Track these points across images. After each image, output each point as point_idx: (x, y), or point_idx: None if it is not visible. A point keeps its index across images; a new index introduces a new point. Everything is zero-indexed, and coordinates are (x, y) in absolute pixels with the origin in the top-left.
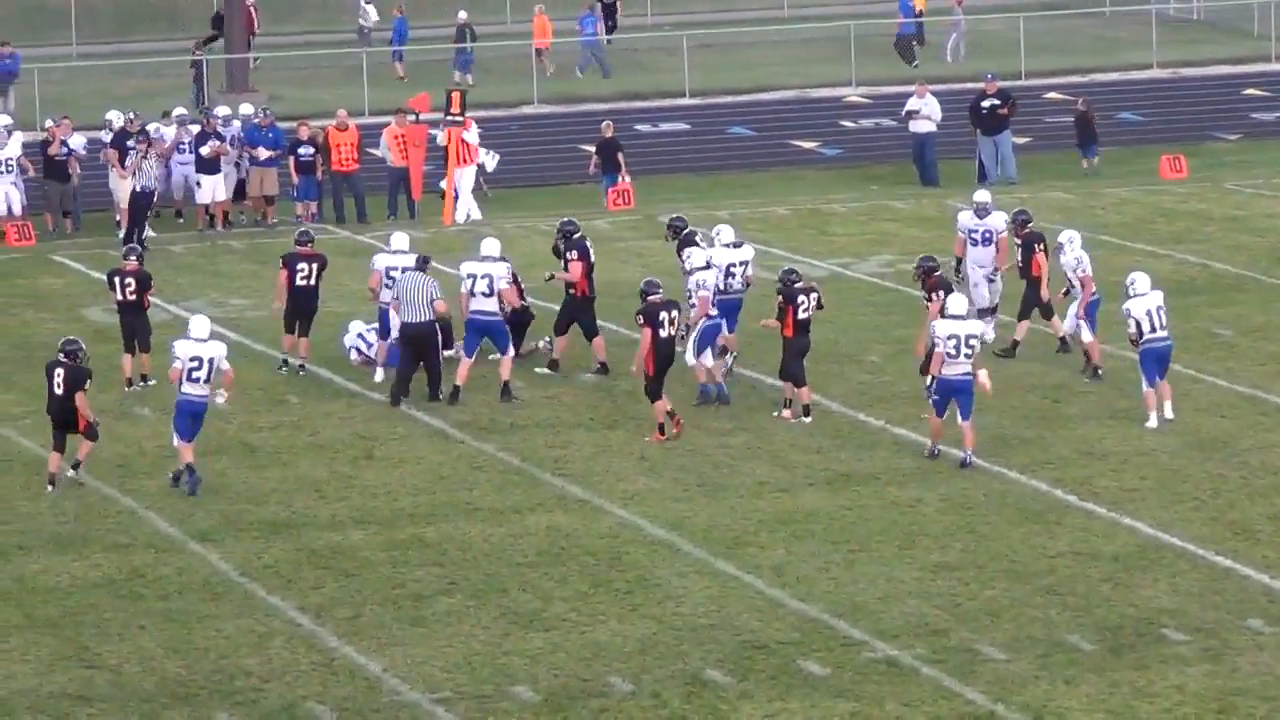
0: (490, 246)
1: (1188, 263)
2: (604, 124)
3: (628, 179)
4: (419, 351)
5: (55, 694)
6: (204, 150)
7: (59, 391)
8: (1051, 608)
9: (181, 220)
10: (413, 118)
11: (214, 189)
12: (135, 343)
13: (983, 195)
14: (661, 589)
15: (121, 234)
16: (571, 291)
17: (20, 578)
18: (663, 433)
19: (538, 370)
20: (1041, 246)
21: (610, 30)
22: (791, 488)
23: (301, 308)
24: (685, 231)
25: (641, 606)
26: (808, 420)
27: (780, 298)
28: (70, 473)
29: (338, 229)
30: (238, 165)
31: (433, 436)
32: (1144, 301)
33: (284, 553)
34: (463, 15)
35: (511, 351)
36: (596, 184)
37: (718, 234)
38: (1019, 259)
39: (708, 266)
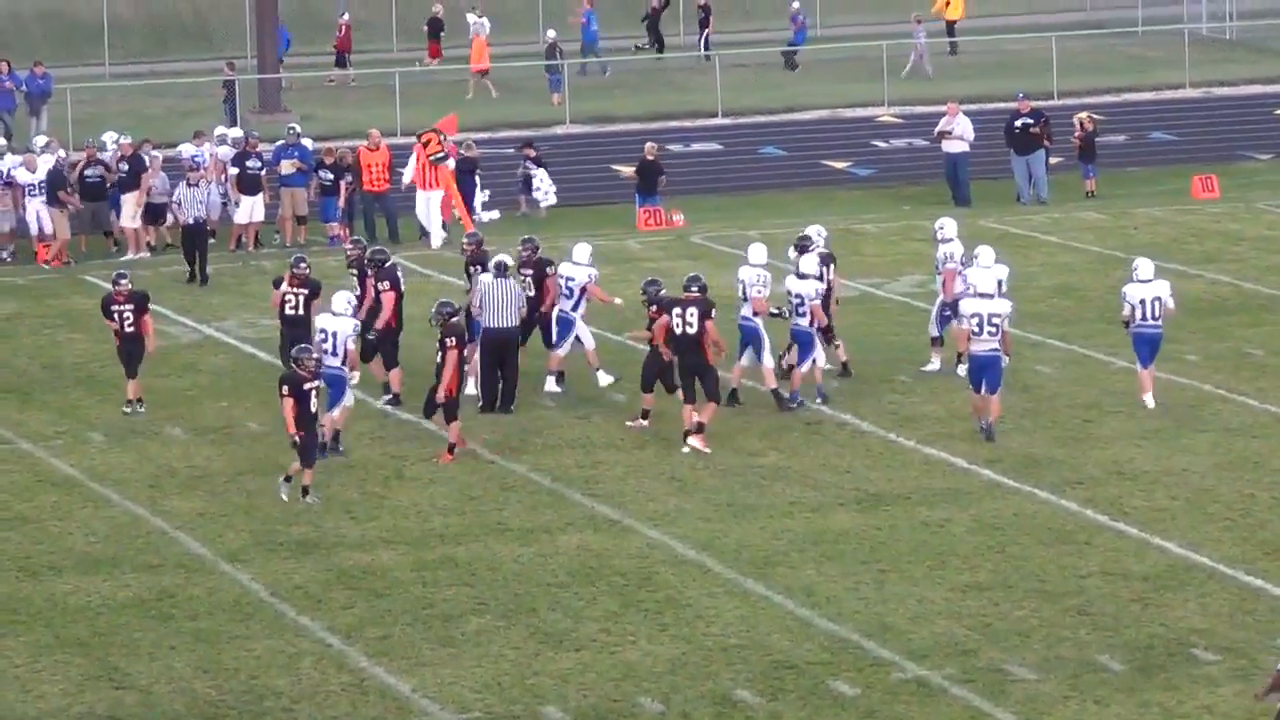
0: (758, 254)
1: (1219, 283)
2: (648, 145)
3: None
4: (500, 357)
5: (84, 714)
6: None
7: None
8: (1082, 628)
9: (214, 240)
10: (442, 139)
11: (252, 209)
12: (132, 368)
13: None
14: (692, 609)
15: (130, 255)
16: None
17: (51, 598)
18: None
19: (549, 390)
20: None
21: (659, 49)
22: (822, 508)
23: (294, 338)
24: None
25: (671, 626)
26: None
27: (653, 308)
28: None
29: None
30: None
31: (463, 456)
32: (1144, 289)
33: (314, 573)
34: (551, 34)
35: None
36: (630, 203)
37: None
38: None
39: (817, 278)
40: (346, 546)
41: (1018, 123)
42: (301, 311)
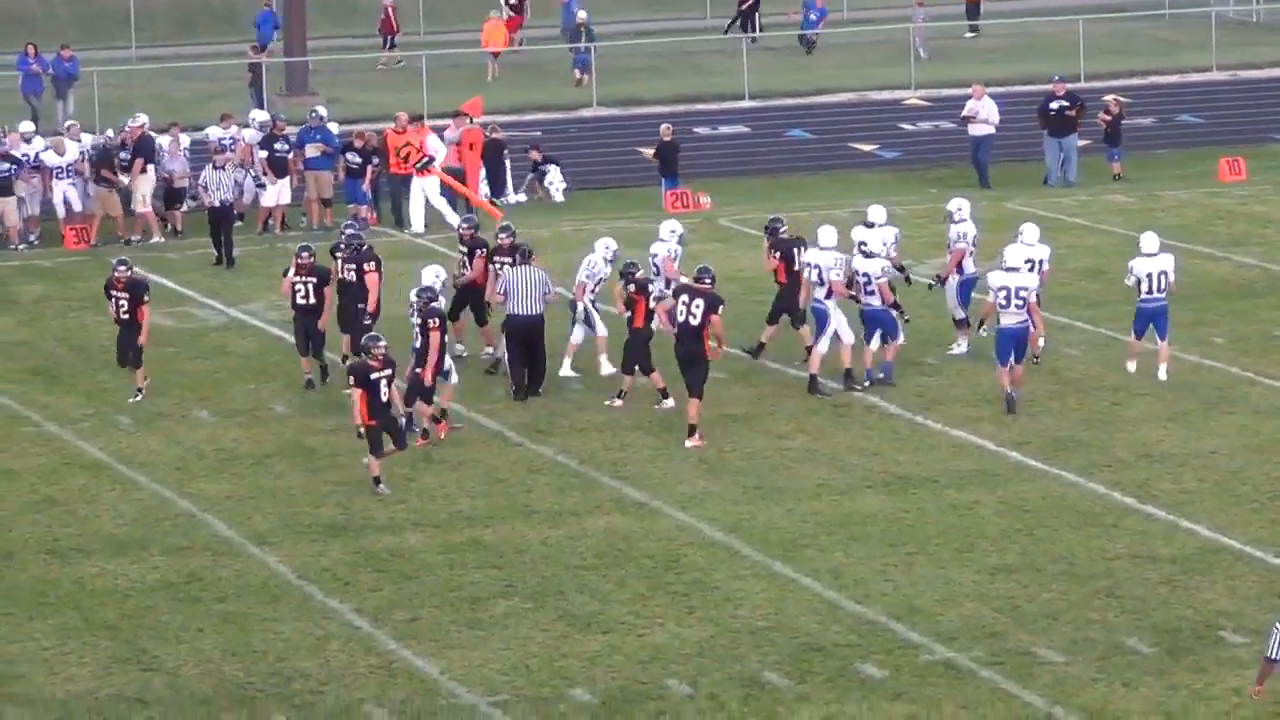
0: (828, 236)
1: (1246, 265)
2: (663, 127)
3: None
4: (527, 343)
5: (113, 696)
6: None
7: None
8: (1109, 610)
9: (240, 224)
10: (468, 121)
11: (279, 192)
12: (128, 356)
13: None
14: (720, 591)
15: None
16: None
17: (79, 580)
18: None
19: (562, 374)
20: (800, 251)
21: (750, 30)
22: (849, 490)
23: (305, 328)
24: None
25: (699, 609)
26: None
27: (632, 288)
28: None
29: (396, 231)
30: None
31: (490, 439)
32: (1150, 262)
33: (342, 555)
34: (582, 15)
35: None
36: (656, 186)
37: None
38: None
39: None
40: (375, 529)
41: (1053, 105)
42: (313, 300)
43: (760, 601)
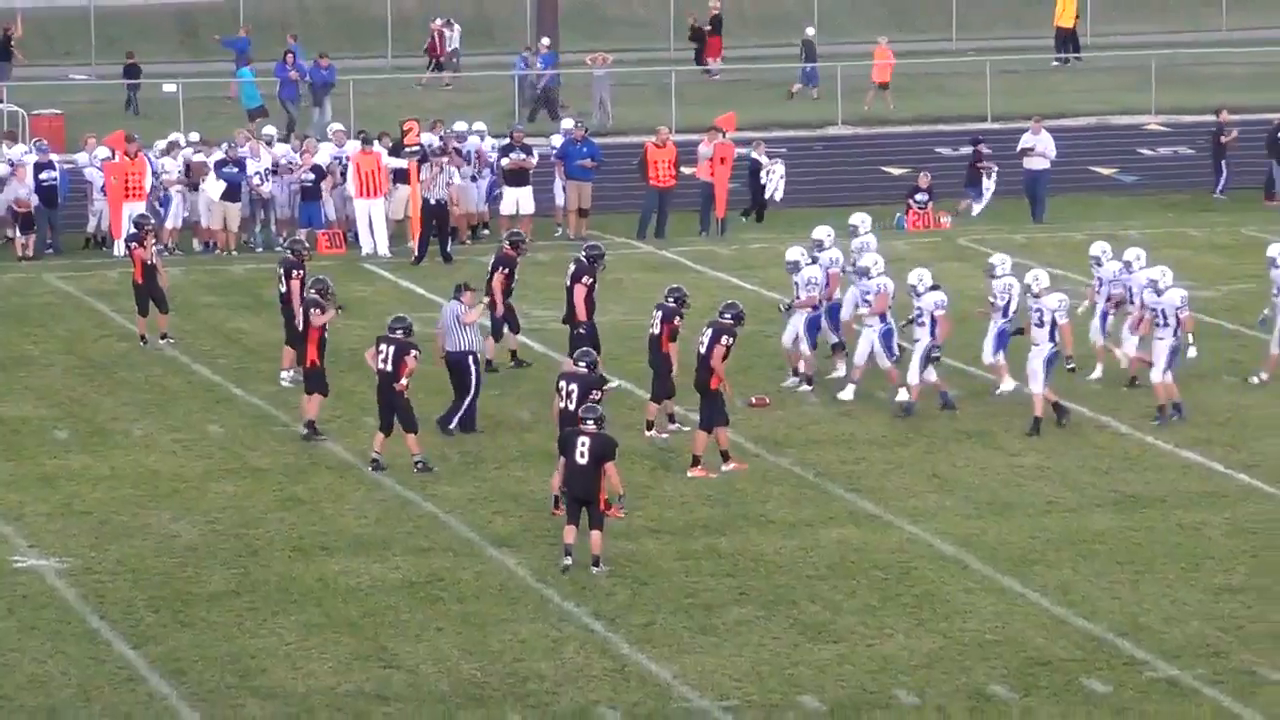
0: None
1: None
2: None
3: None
4: (454, 379)
5: (353, 693)
6: (504, 161)
7: (581, 461)
8: None
9: (487, 232)
10: (721, 135)
11: (516, 202)
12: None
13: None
14: (949, 604)
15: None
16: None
17: (322, 578)
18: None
19: (794, 389)
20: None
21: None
22: (1079, 508)
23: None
24: None
25: (929, 621)
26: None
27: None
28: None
29: (640, 243)
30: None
31: (728, 450)
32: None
33: (579, 560)
34: (810, 31)
35: None
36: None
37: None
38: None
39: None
40: (612, 535)
41: None
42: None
43: (988, 615)
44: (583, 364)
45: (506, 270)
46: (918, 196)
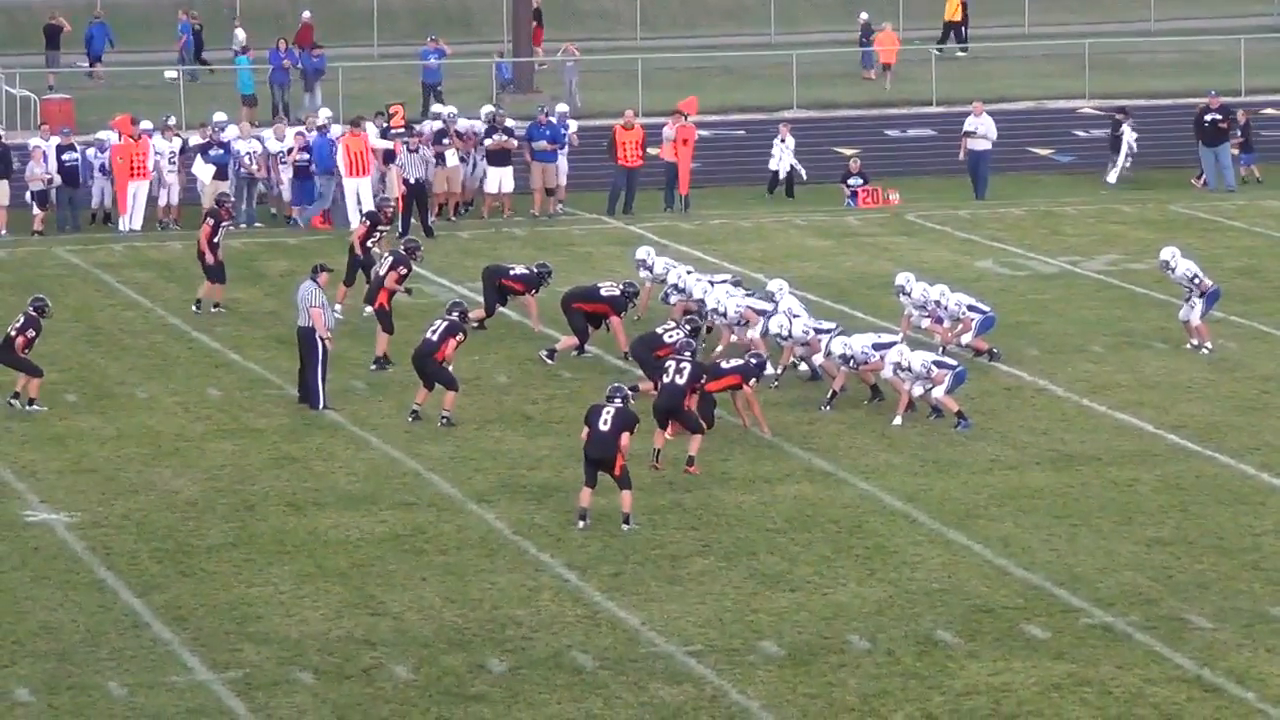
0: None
1: None
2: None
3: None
4: (301, 352)
5: (342, 638)
6: (488, 143)
7: (604, 428)
8: (1256, 582)
9: (469, 210)
10: (683, 119)
11: (500, 180)
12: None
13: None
14: (898, 556)
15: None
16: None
17: (314, 531)
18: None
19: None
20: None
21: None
22: (1019, 466)
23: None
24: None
25: (879, 571)
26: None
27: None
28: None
29: (610, 219)
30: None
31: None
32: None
33: (554, 514)
34: (864, 16)
35: None
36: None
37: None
38: None
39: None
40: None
41: (1207, 117)
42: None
43: (935, 566)
44: (687, 353)
45: (404, 270)
46: (850, 180)
